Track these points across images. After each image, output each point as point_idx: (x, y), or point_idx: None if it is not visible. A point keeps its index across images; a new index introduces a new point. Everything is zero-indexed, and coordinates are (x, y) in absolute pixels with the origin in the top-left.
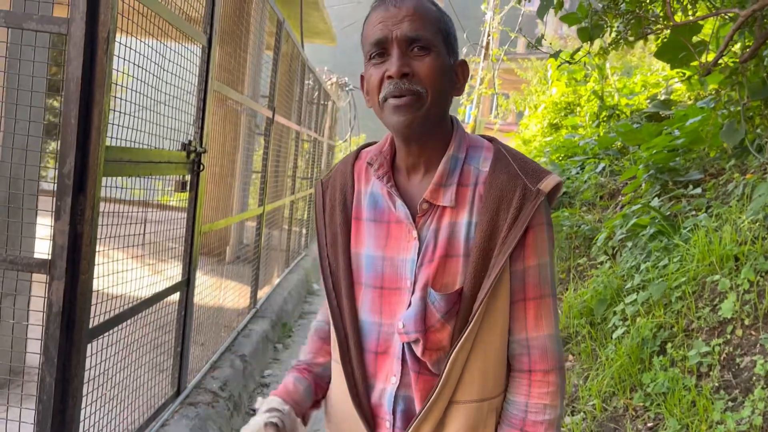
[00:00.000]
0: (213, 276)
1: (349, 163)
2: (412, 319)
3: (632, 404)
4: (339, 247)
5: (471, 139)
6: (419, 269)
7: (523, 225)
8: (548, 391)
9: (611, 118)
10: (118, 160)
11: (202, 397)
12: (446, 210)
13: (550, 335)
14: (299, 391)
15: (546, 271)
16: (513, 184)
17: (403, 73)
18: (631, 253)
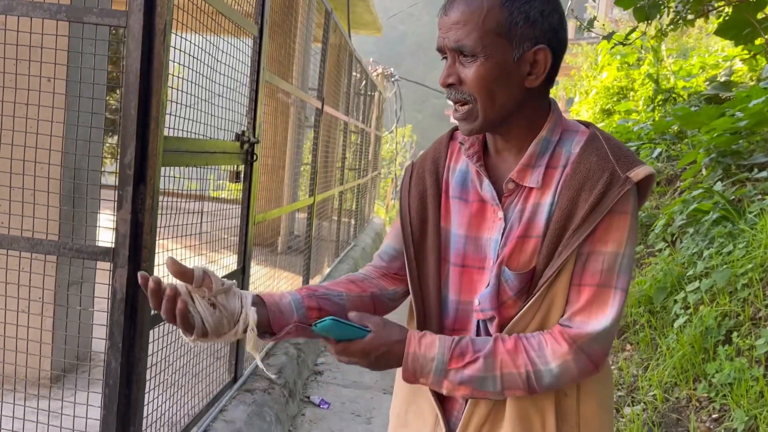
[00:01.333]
0: (266, 265)
1: (443, 141)
2: (488, 297)
3: (696, 395)
4: (429, 218)
5: (568, 123)
6: (502, 249)
7: (605, 210)
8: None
9: (667, 101)
10: (176, 150)
11: (258, 384)
12: (532, 191)
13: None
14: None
15: (616, 262)
16: (601, 166)
17: (448, 83)
18: (693, 239)
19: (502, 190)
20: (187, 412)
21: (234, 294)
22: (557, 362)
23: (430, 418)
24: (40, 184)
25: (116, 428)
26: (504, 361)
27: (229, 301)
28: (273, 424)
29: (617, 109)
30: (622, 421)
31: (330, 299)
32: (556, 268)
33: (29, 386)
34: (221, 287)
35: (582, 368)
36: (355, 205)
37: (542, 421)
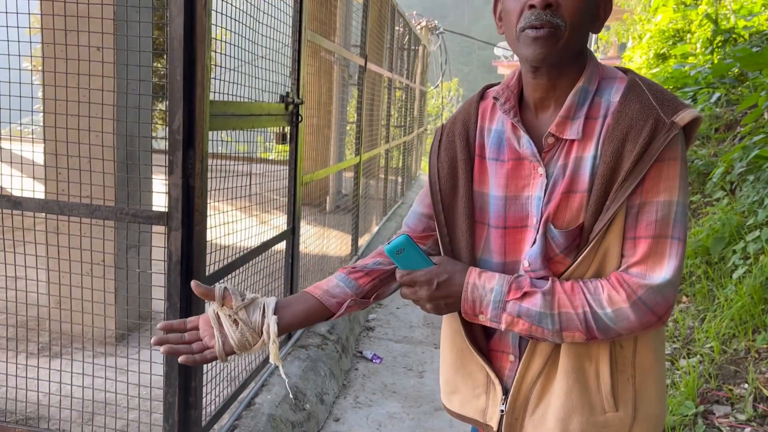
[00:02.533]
0: (315, 225)
1: (473, 102)
2: (537, 256)
3: (755, 346)
4: (460, 183)
5: (605, 71)
6: (545, 206)
7: (651, 158)
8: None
9: (727, 42)
10: (222, 114)
11: (311, 340)
12: (573, 144)
13: (663, 278)
14: (329, 282)
15: (670, 211)
16: (645, 114)
17: (547, 3)
18: (753, 187)
19: (541, 146)
20: (245, 368)
21: (256, 306)
22: (613, 308)
23: (482, 379)
24: (96, 152)
25: (179, 383)
26: (561, 300)
27: (251, 315)
28: (327, 378)
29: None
30: (678, 373)
31: (370, 267)
32: (606, 221)
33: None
34: (241, 303)
35: (642, 319)
36: (402, 163)
37: (597, 372)
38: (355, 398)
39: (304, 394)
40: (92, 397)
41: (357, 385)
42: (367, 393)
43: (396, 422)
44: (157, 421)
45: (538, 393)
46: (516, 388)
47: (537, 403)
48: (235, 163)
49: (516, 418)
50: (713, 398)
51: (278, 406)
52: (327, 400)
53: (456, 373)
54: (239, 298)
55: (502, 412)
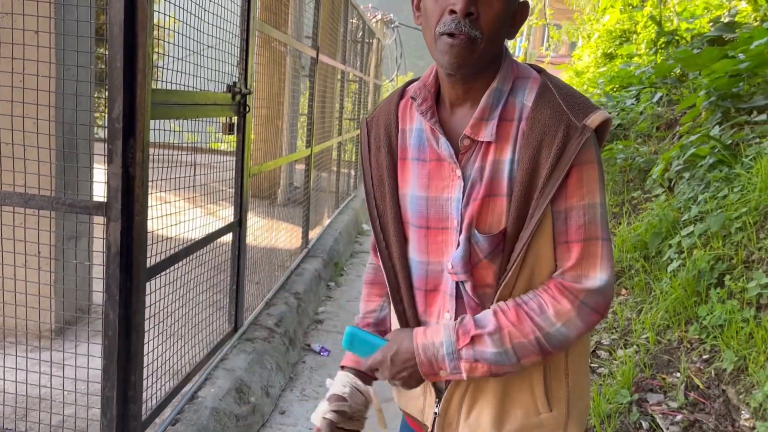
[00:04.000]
0: (265, 217)
1: (393, 101)
2: (459, 259)
3: (687, 337)
4: (386, 188)
5: (520, 69)
6: (465, 209)
7: (567, 164)
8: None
9: (670, 44)
10: (165, 103)
11: (258, 333)
12: (490, 147)
13: (598, 283)
14: None
15: (593, 213)
16: (557, 119)
17: (468, 12)
18: (689, 184)
19: (458, 147)
20: (189, 361)
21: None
22: (562, 321)
23: None
24: (34, 140)
25: (117, 377)
26: (511, 333)
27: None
28: (273, 371)
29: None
30: (615, 363)
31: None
32: (532, 229)
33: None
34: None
35: (588, 321)
36: (355, 156)
37: (530, 375)
38: (301, 391)
39: (249, 387)
40: (26, 393)
41: (304, 377)
42: (314, 386)
43: None
44: (95, 416)
45: (472, 398)
46: (450, 393)
47: (470, 407)
48: (180, 154)
49: (450, 423)
50: (647, 387)
51: (222, 400)
52: (273, 393)
53: None
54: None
55: (436, 414)
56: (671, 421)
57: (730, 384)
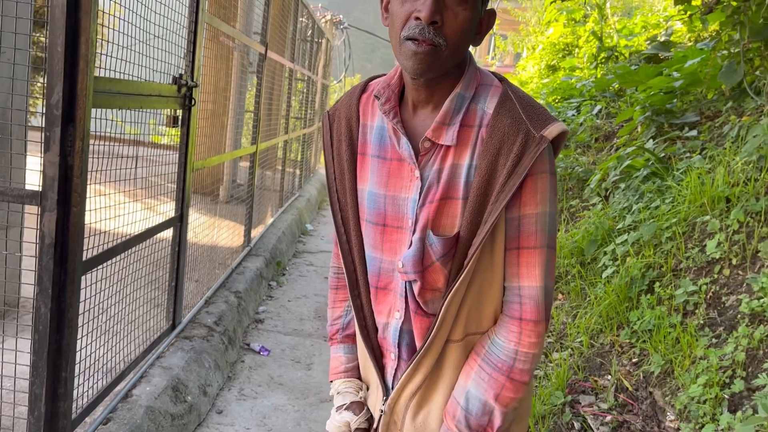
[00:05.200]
0: (207, 214)
1: (355, 95)
2: (411, 259)
3: (619, 341)
4: (346, 182)
5: (482, 77)
6: (420, 209)
7: (523, 172)
8: (537, 342)
9: (609, 59)
10: (108, 92)
11: (197, 331)
12: (450, 150)
13: (542, 287)
14: (356, 358)
15: (544, 221)
16: (516, 129)
17: (432, 20)
18: (624, 194)
19: (419, 149)
20: (123, 359)
21: None
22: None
23: (375, 376)
24: None
25: (47, 374)
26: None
27: None
28: (211, 370)
29: (562, 65)
30: (551, 365)
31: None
32: (485, 234)
33: None
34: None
35: (543, 334)
36: (301, 156)
37: None
38: (240, 390)
39: (186, 386)
40: None
41: (243, 377)
42: (253, 385)
43: (281, 414)
44: (22, 414)
45: (421, 398)
46: (396, 394)
47: (418, 410)
48: (120, 146)
49: (395, 421)
50: (580, 389)
51: (158, 398)
52: (210, 392)
53: (364, 368)
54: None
55: (382, 412)
56: (601, 422)
57: (657, 386)
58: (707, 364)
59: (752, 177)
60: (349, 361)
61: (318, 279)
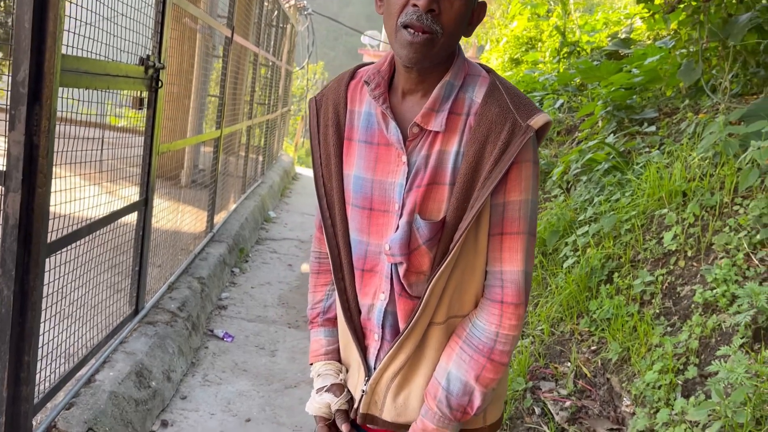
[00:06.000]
0: (168, 199)
1: (343, 81)
2: (398, 242)
3: (578, 329)
4: (332, 167)
5: (471, 67)
6: (407, 194)
7: (510, 160)
8: (516, 324)
9: (572, 54)
10: (75, 71)
11: (160, 317)
12: (438, 137)
13: (523, 271)
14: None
15: (527, 209)
16: (503, 117)
17: (430, 8)
18: (585, 187)
19: (407, 134)
20: (86, 344)
21: None
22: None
23: (357, 357)
24: None
25: (9, 357)
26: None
27: None
28: (175, 355)
29: (525, 59)
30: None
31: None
32: (471, 218)
33: None
34: None
35: (523, 315)
36: (264, 142)
37: None
38: (204, 376)
39: (150, 371)
40: None
41: (206, 363)
42: (217, 371)
43: (245, 400)
44: None
45: (403, 379)
46: (378, 374)
47: (399, 390)
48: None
49: (376, 401)
50: (541, 375)
51: (121, 384)
52: (174, 377)
53: (344, 349)
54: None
55: (363, 392)
56: (561, 407)
57: (614, 373)
58: (662, 351)
59: (708, 172)
60: (330, 344)
61: (281, 266)
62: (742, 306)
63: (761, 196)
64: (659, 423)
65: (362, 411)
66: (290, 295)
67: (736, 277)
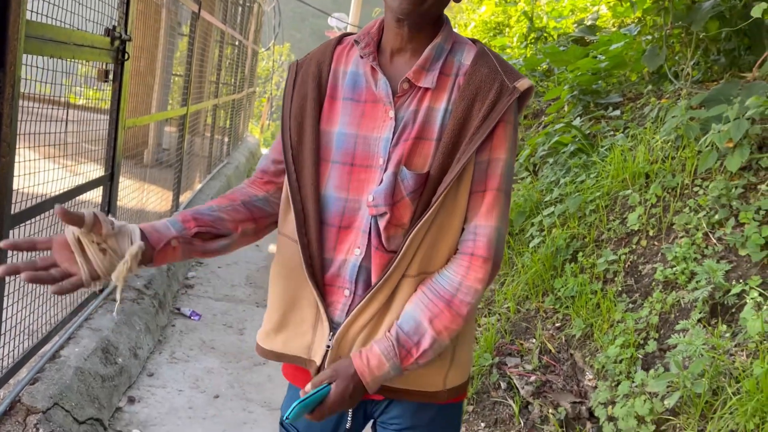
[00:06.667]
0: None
1: (330, 45)
2: (382, 192)
3: (543, 307)
4: (306, 122)
5: (458, 36)
6: (393, 148)
7: (497, 117)
8: (482, 278)
9: (539, 40)
10: (40, 38)
11: (126, 294)
12: (427, 94)
13: (497, 228)
14: (159, 220)
15: (507, 168)
16: (491, 78)
17: None
18: (552, 169)
19: (395, 91)
20: (49, 320)
21: (124, 234)
22: (477, 287)
23: (311, 314)
24: None
25: None
26: (447, 331)
27: (120, 243)
28: (142, 333)
29: (493, 44)
30: (479, 330)
31: (202, 213)
32: (456, 173)
33: None
34: (112, 231)
35: (492, 273)
36: (229, 122)
37: None
38: (171, 354)
39: (117, 347)
40: None
41: (174, 341)
42: (185, 349)
43: (214, 377)
44: None
45: (367, 336)
46: (346, 327)
47: (363, 344)
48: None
49: (340, 356)
50: (507, 351)
51: (87, 360)
52: (141, 354)
53: (286, 311)
54: (109, 226)
55: (328, 347)
56: (526, 382)
57: (577, 349)
58: (624, 327)
59: (670, 155)
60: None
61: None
62: (700, 282)
63: (720, 177)
64: (620, 395)
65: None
66: (258, 275)
67: (695, 255)
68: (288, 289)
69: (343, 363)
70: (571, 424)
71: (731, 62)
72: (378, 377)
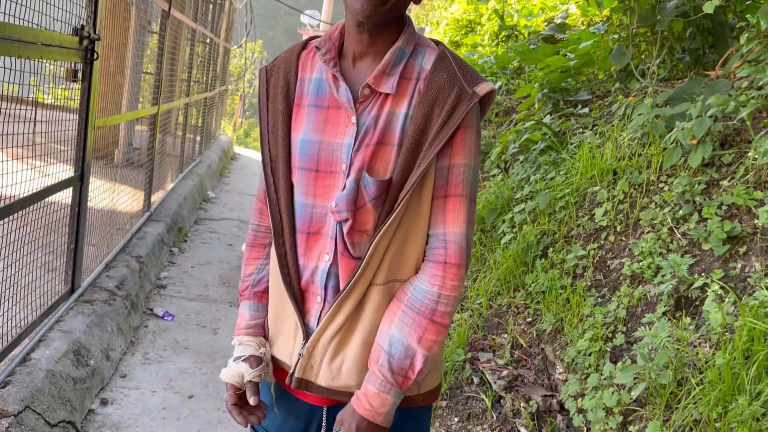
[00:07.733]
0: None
1: (295, 51)
2: (345, 198)
3: (515, 302)
4: (279, 133)
5: (420, 38)
6: (355, 153)
7: (455, 123)
8: (458, 285)
9: (510, 38)
10: (7, 38)
11: (98, 295)
12: (387, 99)
13: (465, 234)
14: (260, 317)
15: (469, 173)
16: (451, 83)
17: None
18: (522, 166)
19: (357, 97)
20: (19, 323)
21: None
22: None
23: (293, 322)
24: None
25: None
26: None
27: None
28: (114, 334)
29: (465, 41)
30: (452, 326)
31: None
32: (416, 178)
33: None
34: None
35: (464, 276)
36: (201, 121)
37: None
38: (144, 355)
39: (89, 349)
40: None
41: (147, 341)
42: (158, 349)
43: (188, 377)
44: None
45: (338, 344)
46: (317, 335)
47: (335, 353)
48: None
49: (312, 365)
50: (479, 346)
51: (58, 362)
52: (113, 356)
53: (276, 318)
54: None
55: (300, 355)
56: (498, 376)
57: (548, 343)
58: (593, 321)
59: (636, 152)
60: (254, 318)
61: (221, 246)
62: (666, 276)
63: (684, 174)
64: (589, 387)
65: (297, 375)
66: (231, 275)
67: (661, 250)
68: (276, 295)
69: (347, 411)
70: (543, 417)
71: (696, 60)
72: (388, 412)
